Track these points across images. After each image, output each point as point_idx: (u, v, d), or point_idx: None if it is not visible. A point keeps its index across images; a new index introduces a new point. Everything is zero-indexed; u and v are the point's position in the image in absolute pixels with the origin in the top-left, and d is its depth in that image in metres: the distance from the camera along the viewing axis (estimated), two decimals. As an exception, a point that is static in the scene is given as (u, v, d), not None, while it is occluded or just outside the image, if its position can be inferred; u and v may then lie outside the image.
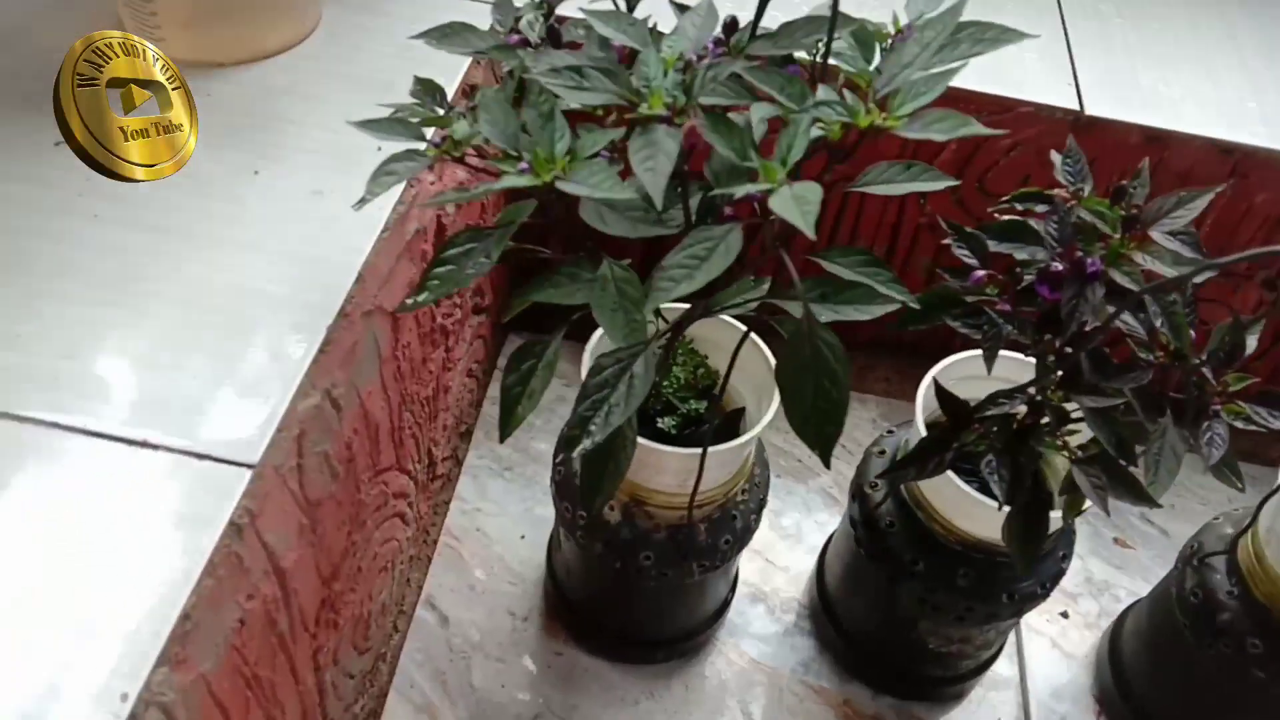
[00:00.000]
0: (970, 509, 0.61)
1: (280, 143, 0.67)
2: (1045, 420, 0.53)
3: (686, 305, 0.49)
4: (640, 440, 0.54)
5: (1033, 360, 0.54)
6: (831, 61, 0.44)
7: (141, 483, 0.49)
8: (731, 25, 0.47)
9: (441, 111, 0.50)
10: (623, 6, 0.50)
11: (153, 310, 0.57)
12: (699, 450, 0.57)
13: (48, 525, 0.47)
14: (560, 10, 0.53)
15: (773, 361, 0.62)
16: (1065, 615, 0.85)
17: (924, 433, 0.60)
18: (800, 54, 0.46)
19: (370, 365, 0.61)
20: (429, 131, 0.49)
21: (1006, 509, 0.54)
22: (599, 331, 0.59)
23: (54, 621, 0.44)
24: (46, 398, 0.52)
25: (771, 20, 0.46)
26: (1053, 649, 0.83)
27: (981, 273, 0.52)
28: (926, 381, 0.63)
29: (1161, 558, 0.89)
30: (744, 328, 0.56)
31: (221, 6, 0.71)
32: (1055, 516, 0.55)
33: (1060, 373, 0.52)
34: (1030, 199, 0.56)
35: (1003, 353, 0.54)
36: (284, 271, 0.59)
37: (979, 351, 0.57)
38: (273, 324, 0.57)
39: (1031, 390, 0.53)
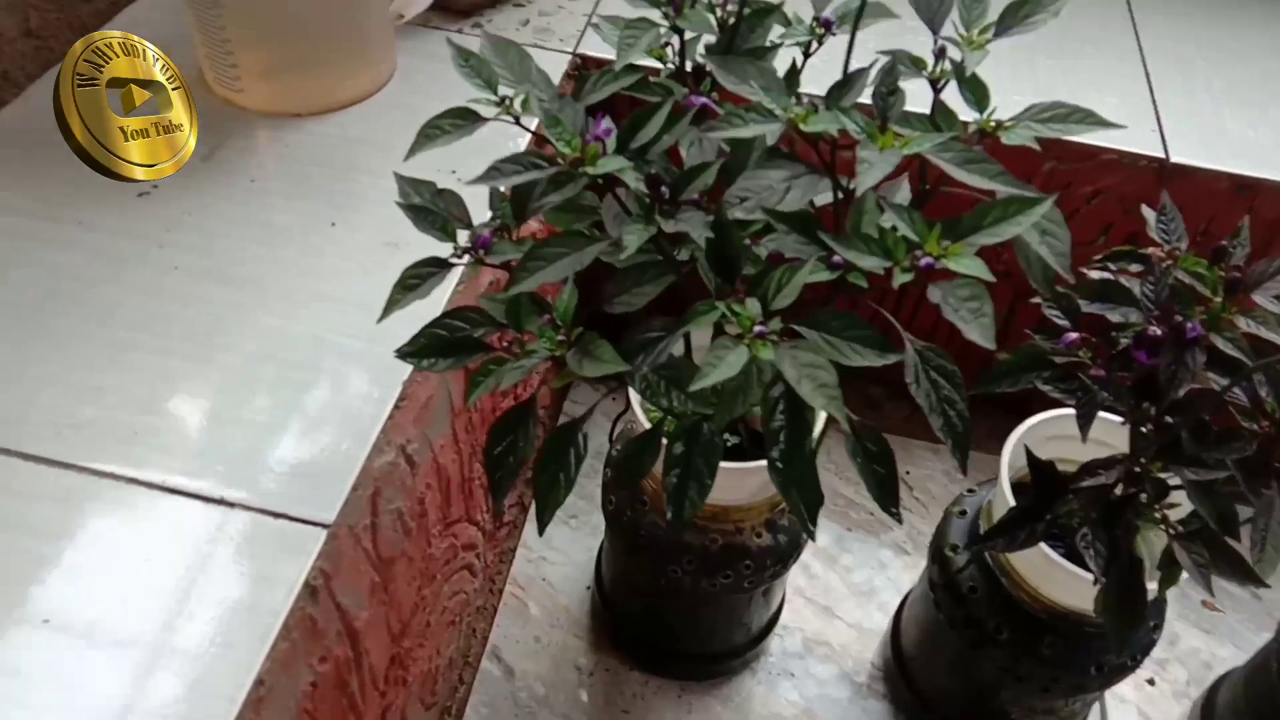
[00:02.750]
0: (1060, 577, 0.59)
1: (356, 193, 0.68)
2: (1143, 493, 0.51)
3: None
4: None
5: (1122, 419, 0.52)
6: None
7: (217, 541, 0.49)
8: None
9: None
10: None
11: (231, 364, 0.57)
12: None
13: (123, 583, 0.47)
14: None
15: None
16: (1152, 682, 0.81)
17: (1010, 498, 0.58)
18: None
19: (443, 418, 0.61)
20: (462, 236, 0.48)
21: (1101, 581, 0.51)
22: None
23: (129, 685, 0.44)
24: (125, 452, 0.52)
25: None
26: (1139, 717, 0.79)
27: (1074, 335, 0.50)
28: (1012, 441, 0.61)
29: (1252, 621, 0.85)
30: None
31: (300, 59, 0.72)
32: (1150, 588, 0.52)
33: (1158, 443, 0.49)
34: (1123, 257, 0.54)
35: (1093, 413, 0.51)
36: (360, 324, 0.59)
37: (1066, 410, 0.55)
38: (349, 378, 0.57)
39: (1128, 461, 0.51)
